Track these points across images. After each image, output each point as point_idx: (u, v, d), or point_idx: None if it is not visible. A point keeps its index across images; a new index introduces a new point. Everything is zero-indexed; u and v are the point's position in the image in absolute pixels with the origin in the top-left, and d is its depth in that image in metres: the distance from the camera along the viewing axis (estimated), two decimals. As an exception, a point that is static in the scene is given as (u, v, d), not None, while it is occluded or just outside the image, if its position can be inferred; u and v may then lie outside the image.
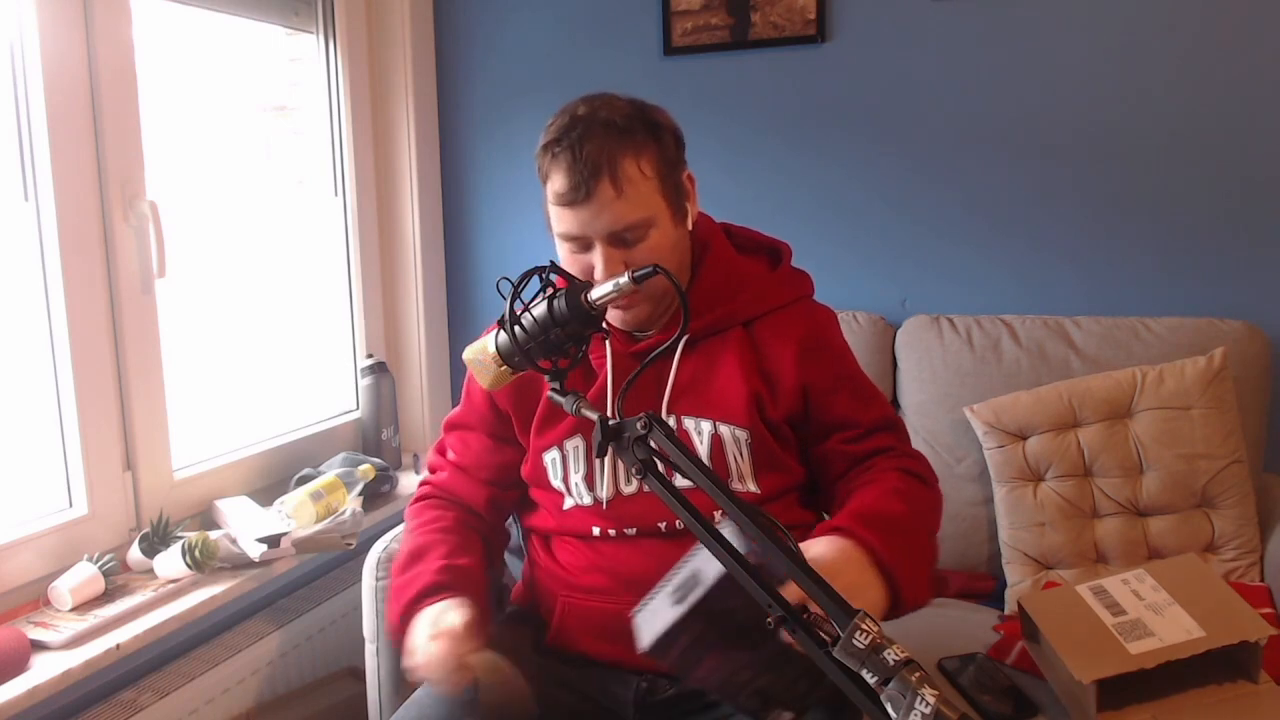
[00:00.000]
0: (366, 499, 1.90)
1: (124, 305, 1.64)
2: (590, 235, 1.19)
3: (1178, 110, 1.87)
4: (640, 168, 1.18)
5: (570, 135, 1.17)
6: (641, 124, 1.20)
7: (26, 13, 1.50)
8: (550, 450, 1.31)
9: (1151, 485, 1.68)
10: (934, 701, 0.71)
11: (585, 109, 1.20)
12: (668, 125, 1.25)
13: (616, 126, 1.18)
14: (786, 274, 1.35)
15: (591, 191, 1.16)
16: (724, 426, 1.25)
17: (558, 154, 1.18)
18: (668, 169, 1.22)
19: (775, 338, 1.28)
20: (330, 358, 2.26)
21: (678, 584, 0.99)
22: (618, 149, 1.17)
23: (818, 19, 2.05)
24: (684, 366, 1.28)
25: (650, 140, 1.20)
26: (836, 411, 1.28)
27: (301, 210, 2.17)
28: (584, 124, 1.18)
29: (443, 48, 2.36)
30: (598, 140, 1.16)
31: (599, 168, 1.15)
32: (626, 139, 1.18)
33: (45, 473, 1.59)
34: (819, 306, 1.35)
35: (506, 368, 1.07)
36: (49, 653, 1.36)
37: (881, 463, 1.27)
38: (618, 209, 1.17)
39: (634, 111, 1.22)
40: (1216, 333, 1.77)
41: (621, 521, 1.27)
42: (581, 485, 1.29)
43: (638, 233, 1.19)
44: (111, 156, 1.61)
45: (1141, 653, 1.29)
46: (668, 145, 1.23)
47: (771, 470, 1.27)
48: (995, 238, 2.02)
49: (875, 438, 1.29)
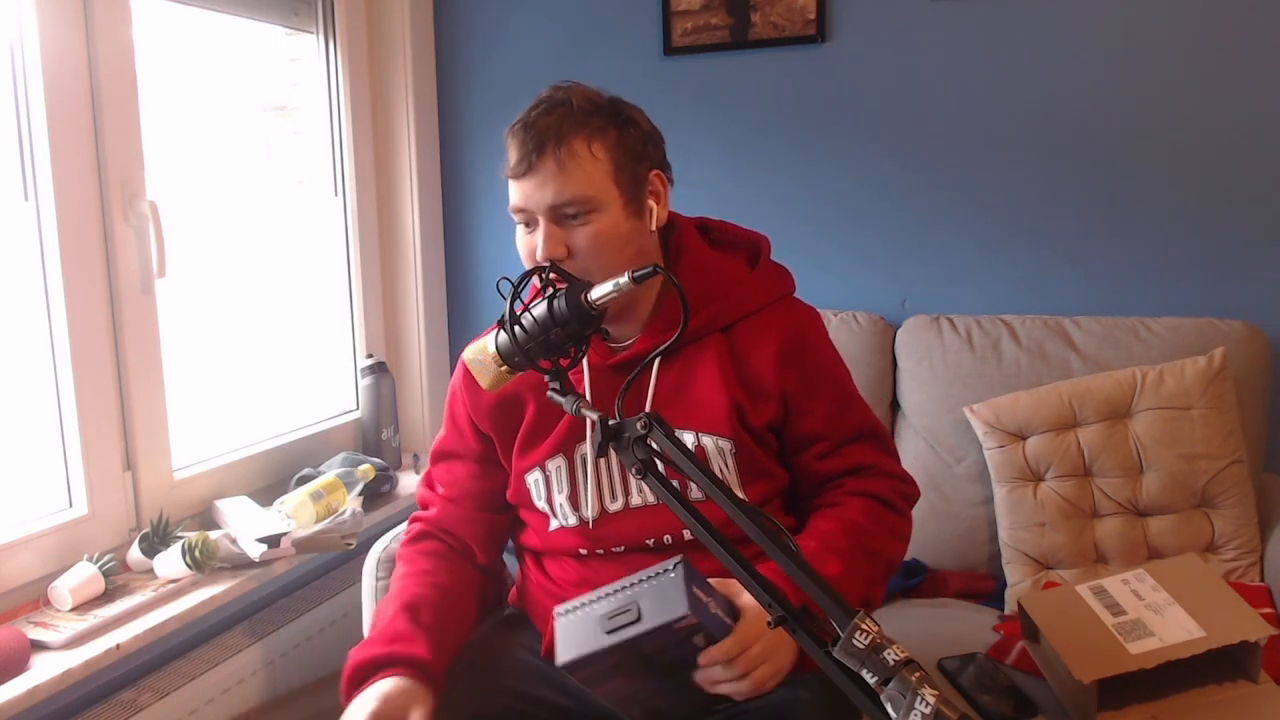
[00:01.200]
0: (366, 499, 1.90)
1: (124, 305, 1.64)
2: (533, 209, 1.19)
3: (1178, 110, 1.87)
4: (590, 148, 1.19)
5: (531, 114, 1.20)
6: (607, 112, 1.21)
7: (26, 13, 1.50)
8: (532, 471, 1.30)
9: (1151, 485, 1.68)
10: (934, 701, 0.72)
11: (560, 94, 1.21)
12: (639, 121, 1.24)
13: (576, 109, 1.19)
14: (765, 273, 1.32)
15: (534, 165, 1.17)
16: (707, 438, 1.23)
17: (515, 129, 1.20)
18: (625, 157, 1.21)
19: (755, 342, 1.26)
20: (330, 358, 2.26)
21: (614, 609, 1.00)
22: (570, 128, 1.18)
23: (818, 19, 2.05)
24: (663, 377, 1.26)
25: (611, 127, 1.21)
26: (811, 422, 1.27)
27: (301, 210, 2.17)
28: (546, 104, 1.20)
29: (443, 48, 2.36)
30: (554, 118, 1.18)
31: (544, 142, 1.17)
32: (582, 121, 1.19)
33: (45, 473, 1.59)
34: (800, 305, 1.32)
35: (506, 368, 1.07)
36: (49, 653, 1.36)
37: (851, 484, 1.26)
38: (559, 182, 1.17)
39: (603, 102, 1.22)
40: (1216, 333, 1.77)
41: (607, 541, 1.27)
42: (566, 506, 1.28)
43: (580, 212, 1.18)
44: (111, 156, 1.61)
45: (1141, 653, 1.29)
46: (631, 136, 1.22)
47: (757, 478, 1.26)
48: (995, 238, 2.02)
49: (849, 453, 1.27)
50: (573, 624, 1.02)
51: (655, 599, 0.99)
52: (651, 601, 0.99)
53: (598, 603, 1.04)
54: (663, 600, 0.99)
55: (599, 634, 0.99)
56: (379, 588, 1.53)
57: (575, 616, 1.03)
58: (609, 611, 1.00)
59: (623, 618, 0.99)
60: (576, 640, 1.01)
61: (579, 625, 1.02)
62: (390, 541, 1.57)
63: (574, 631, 1.02)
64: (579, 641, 1.00)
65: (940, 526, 1.84)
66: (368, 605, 1.55)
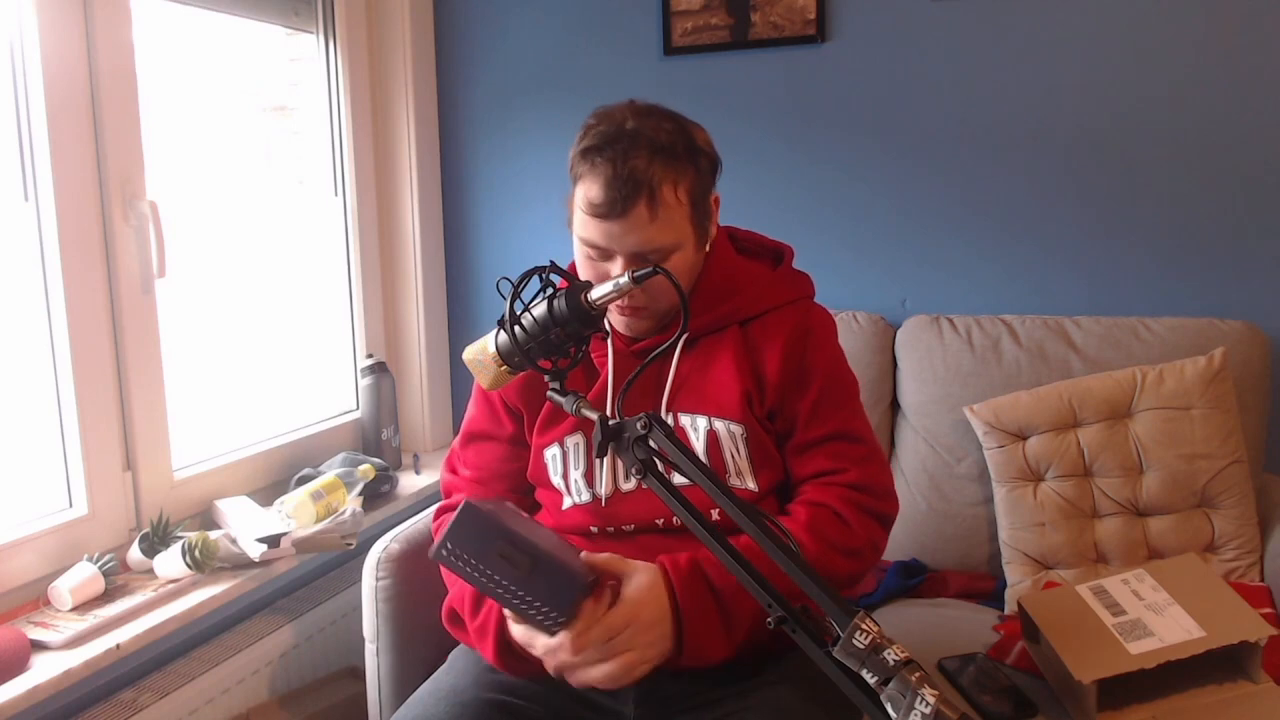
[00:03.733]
0: (366, 499, 1.90)
1: (124, 305, 1.64)
2: (614, 249, 1.19)
3: (1178, 110, 1.87)
4: (677, 193, 1.18)
5: (616, 147, 1.15)
6: (684, 147, 1.19)
7: (26, 13, 1.50)
8: (551, 447, 1.31)
9: (1151, 485, 1.68)
10: (934, 701, 0.72)
11: (634, 123, 1.18)
12: (706, 149, 1.24)
13: (663, 148, 1.16)
14: (786, 275, 1.36)
15: (627, 210, 1.15)
16: (719, 422, 1.25)
17: (599, 163, 1.16)
18: (700, 194, 1.22)
19: (766, 335, 1.29)
20: (330, 358, 2.26)
21: None
22: (659, 171, 1.15)
23: (818, 19, 2.05)
24: (682, 365, 1.29)
25: (690, 166, 1.20)
26: (793, 413, 1.28)
27: (301, 210, 2.17)
28: (630, 139, 1.16)
29: (443, 48, 2.36)
30: (643, 159, 1.15)
31: (639, 187, 1.14)
32: (670, 162, 1.17)
33: (45, 473, 1.59)
34: (816, 308, 1.35)
35: (506, 368, 1.08)
36: (49, 653, 1.36)
37: (809, 492, 1.26)
38: (649, 232, 1.17)
39: (678, 131, 1.20)
40: (1216, 333, 1.77)
41: (618, 519, 1.28)
42: (581, 482, 1.29)
43: (662, 255, 1.19)
44: (111, 156, 1.61)
45: (1141, 653, 1.29)
46: (704, 171, 1.23)
47: (767, 466, 1.28)
48: (995, 238, 2.02)
49: (819, 455, 1.27)
50: (473, 521, 1.02)
51: (549, 578, 1.04)
52: (544, 578, 1.03)
53: (516, 521, 1.07)
54: (551, 587, 1.04)
55: (484, 554, 1.01)
56: (379, 588, 1.53)
57: (481, 517, 1.02)
58: (506, 545, 1.01)
59: (514, 564, 1.01)
60: (464, 540, 1.01)
61: (477, 527, 1.02)
62: (390, 541, 1.57)
63: (469, 532, 1.01)
64: (464, 543, 1.01)
65: (940, 526, 1.84)
66: (368, 605, 1.55)
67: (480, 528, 1.01)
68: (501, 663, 1.22)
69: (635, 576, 1.11)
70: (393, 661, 1.54)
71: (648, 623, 1.09)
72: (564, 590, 1.05)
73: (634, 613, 1.09)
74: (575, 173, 1.21)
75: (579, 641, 1.07)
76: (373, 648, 1.55)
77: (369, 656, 1.56)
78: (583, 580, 1.07)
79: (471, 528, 1.01)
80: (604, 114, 1.21)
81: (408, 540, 1.58)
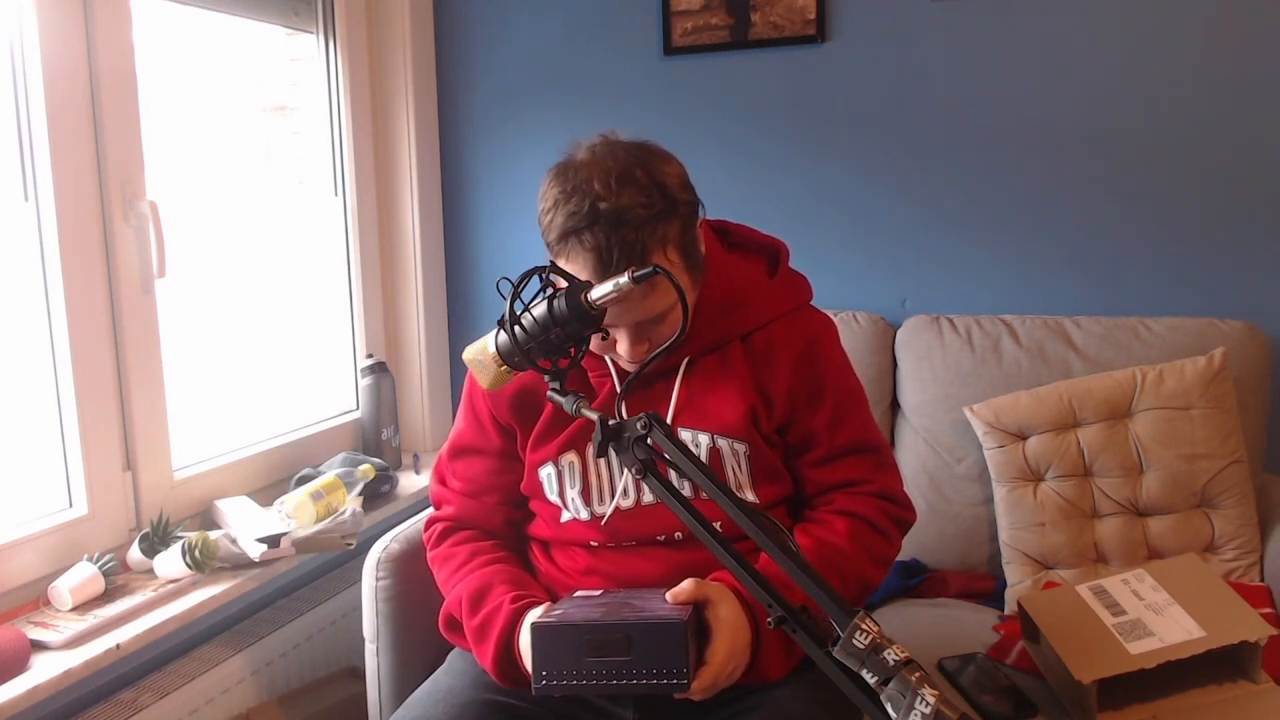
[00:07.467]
0: (366, 499, 1.90)
1: (124, 305, 1.64)
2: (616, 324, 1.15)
3: (1178, 110, 1.87)
4: (667, 255, 1.13)
5: (594, 229, 1.08)
6: (663, 206, 1.11)
7: (26, 13, 1.50)
8: (545, 465, 1.30)
9: (1151, 485, 1.68)
10: (934, 701, 0.72)
11: (608, 201, 1.08)
12: (682, 193, 1.15)
13: (643, 222, 1.09)
14: (784, 281, 1.32)
15: None
16: (722, 439, 1.24)
17: (581, 250, 1.09)
18: (689, 241, 1.17)
19: (771, 351, 1.27)
20: (330, 358, 2.26)
21: (600, 635, 1.01)
22: (646, 245, 1.09)
23: (818, 19, 2.05)
24: (685, 385, 1.27)
25: (673, 219, 1.13)
26: (808, 426, 1.27)
27: (301, 210, 2.17)
28: (607, 220, 1.08)
29: (443, 48, 2.36)
30: (626, 237, 1.08)
31: (627, 268, 1.06)
32: (653, 229, 1.10)
33: (45, 473, 1.59)
34: (817, 315, 1.33)
35: (506, 368, 1.08)
36: (49, 653, 1.36)
37: (840, 501, 1.27)
38: (648, 304, 1.13)
39: (652, 188, 1.11)
40: (1216, 333, 1.77)
41: (620, 537, 1.27)
42: (578, 500, 1.28)
43: (665, 312, 1.16)
44: (111, 156, 1.61)
45: (1141, 653, 1.29)
46: (686, 218, 1.15)
47: (769, 480, 1.27)
48: (995, 238, 2.02)
49: (843, 466, 1.28)
50: (551, 637, 1.01)
51: (651, 644, 1.01)
52: (646, 646, 1.00)
53: (580, 609, 1.04)
54: (659, 652, 1.01)
55: (579, 660, 1.00)
56: (379, 588, 1.53)
57: (555, 630, 1.01)
58: (594, 637, 1.00)
59: (611, 651, 1.00)
60: (555, 659, 1.00)
61: (558, 640, 1.01)
62: (390, 541, 1.57)
63: (553, 649, 1.01)
64: (557, 661, 1.00)
65: (940, 526, 1.84)
66: (368, 605, 1.55)
67: (559, 638, 1.01)
68: (500, 675, 1.21)
69: (721, 606, 1.12)
70: (392, 661, 1.54)
71: (741, 650, 1.12)
72: (671, 646, 1.01)
73: (732, 646, 1.10)
74: (553, 249, 1.14)
75: (704, 695, 1.08)
76: (373, 648, 1.55)
77: (369, 657, 1.56)
78: (680, 627, 1.03)
79: (552, 643, 1.01)
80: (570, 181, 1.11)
81: (408, 540, 1.58)
